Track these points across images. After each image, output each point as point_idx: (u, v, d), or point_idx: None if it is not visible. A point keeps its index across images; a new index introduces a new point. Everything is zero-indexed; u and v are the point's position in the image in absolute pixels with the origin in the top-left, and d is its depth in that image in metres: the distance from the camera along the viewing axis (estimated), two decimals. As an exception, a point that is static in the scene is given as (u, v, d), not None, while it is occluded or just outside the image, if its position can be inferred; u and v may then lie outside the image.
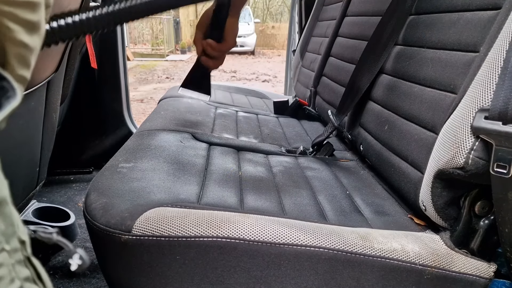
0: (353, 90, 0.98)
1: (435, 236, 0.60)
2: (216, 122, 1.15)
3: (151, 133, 0.89)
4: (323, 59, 1.48)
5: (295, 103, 1.50)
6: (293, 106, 1.49)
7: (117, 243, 0.53)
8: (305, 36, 1.89)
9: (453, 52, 0.67)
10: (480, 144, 0.51)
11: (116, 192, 0.60)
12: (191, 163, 0.75)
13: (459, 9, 0.69)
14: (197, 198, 0.62)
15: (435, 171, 0.58)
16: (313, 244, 0.54)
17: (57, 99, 0.95)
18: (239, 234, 0.53)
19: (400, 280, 0.55)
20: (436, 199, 0.58)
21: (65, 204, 1.51)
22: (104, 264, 0.58)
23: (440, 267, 0.55)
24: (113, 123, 1.87)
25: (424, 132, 0.68)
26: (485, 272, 0.56)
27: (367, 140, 0.91)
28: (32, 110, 0.80)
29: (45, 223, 1.20)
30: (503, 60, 0.50)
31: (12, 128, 0.74)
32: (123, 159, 0.73)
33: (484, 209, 0.56)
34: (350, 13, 1.35)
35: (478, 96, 0.52)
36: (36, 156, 0.91)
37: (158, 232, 0.52)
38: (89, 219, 0.56)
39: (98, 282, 1.11)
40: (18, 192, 0.85)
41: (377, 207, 0.71)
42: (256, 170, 0.80)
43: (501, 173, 0.49)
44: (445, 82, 0.66)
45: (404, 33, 0.86)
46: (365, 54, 0.98)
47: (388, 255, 0.54)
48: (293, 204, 0.67)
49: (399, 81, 0.82)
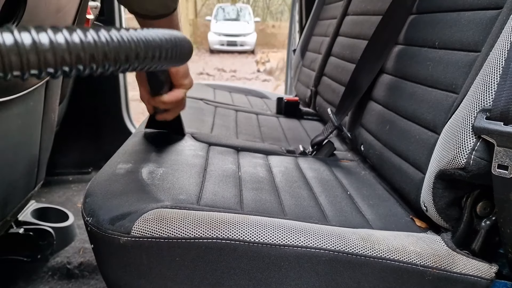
0: (354, 90, 0.98)
1: (436, 237, 0.60)
2: (216, 122, 1.15)
3: (150, 133, 0.89)
4: (323, 59, 1.48)
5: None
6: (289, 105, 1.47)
7: (116, 244, 0.53)
8: (306, 35, 1.89)
9: (454, 51, 0.67)
10: (482, 144, 0.51)
11: (115, 193, 0.60)
12: (190, 164, 0.75)
13: (460, 9, 0.69)
14: (196, 199, 0.62)
15: (437, 171, 0.57)
16: (313, 245, 0.53)
17: (56, 99, 0.95)
18: (239, 236, 0.53)
19: (401, 281, 0.54)
20: (438, 199, 0.58)
21: (64, 205, 1.51)
22: (103, 265, 0.58)
23: (441, 268, 0.55)
24: (112, 123, 1.86)
25: (425, 132, 0.68)
26: (486, 273, 0.55)
27: (368, 140, 0.91)
28: (31, 110, 0.79)
29: (43, 223, 1.20)
30: (505, 60, 0.50)
31: (11, 128, 0.73)
32: (122, 159, 0.72)
33: (486, 209, 0.56)
34: (351, 12, 1.34)
35: (479, 96, 0.52)
36: (35, 156, 0.91)
37: (157, 234, 0.52)
38: (87, 220, 0.56)
39: (97, 283, 1.10)
40: (16, 193, 0.85)
41: (378, 208, 0.70)
42: (256, 171, 0.80)
43: (503, 174, 0.48)
44: (446, 82, 0.66)
45: (405, 33, 0.86)
46: (365, 54, 0.98)
47: (389, 256, 0.54)
48: (294, 205, 0.67)
49: (400, 81, 0.82)
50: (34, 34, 0.23)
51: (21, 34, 0.23)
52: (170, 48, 0.32)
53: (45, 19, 0.66)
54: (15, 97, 0.68)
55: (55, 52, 0.24)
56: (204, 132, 1.00)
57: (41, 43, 0.23)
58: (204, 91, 1.57)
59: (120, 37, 0.28)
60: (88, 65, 0.26)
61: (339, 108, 1.02)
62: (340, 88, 1.20)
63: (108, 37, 0.27)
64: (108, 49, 0.26)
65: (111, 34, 0.27)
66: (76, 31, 0.25)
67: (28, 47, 0.23)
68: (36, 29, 0.24)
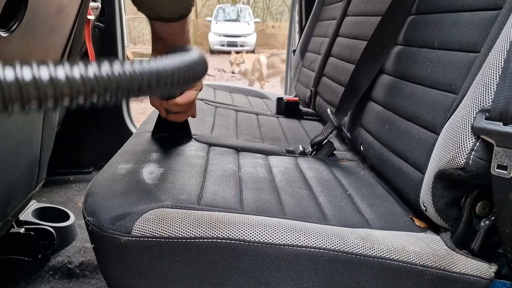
0: (353, 90, 0.98)
1: (436, 236, 0.60)
2: (216, 122, 1.15)
3: (150, 134, 0.89)
4: (323, 59, 1.48)
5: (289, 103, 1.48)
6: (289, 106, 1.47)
7: (117, 244, 0.53)
8: (305, 36, 1.89)
9: (453, 52, 0.67)
10: (481, 144, 0.51)
11: (115, 193, 0.60)
12: (191, 164, 0.75)
13: (460, 9, 0.69)
14: (196, 199, 0.62)
15: (436, 171, 0.57)
16: (313, 245, 0.53)
17: (57, 99, 0.95)
18: (239, 235, 0.53)
19: (401, 281, 0.55)
20: (437, 199, 0.58)
21: (64, 205, 1.51)
22: (104, 265, 0.58)
23: (440, 268, 0.55)
24: (112, 123, 1.86)
25: (424, 133, 0.68)
26: (485, 272, 0.56)
27: (367, 140, 0.91)
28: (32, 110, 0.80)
29: (44, 223, 1.20)
30: (504, 60, 0.50)
31: (12, 128, 0.73)
32: (123, 159, 0.73)
33: (485, 209, 0.56)
34: (351, 13, 1.34)
35: (478, 97, 0.52)
36: (36, 156, 0.91)
37: (158, 233, 0.52)
38: (88, 220, 0.56)
39: (97, 282, 1.11)
40: (17, 192, 0.85)
41: (377, 208, 0.70)
42: (256, 171, 0.80)
43: (502, 174, 0.49)
44: (446, 82, 0.66)
45: (405, 33, 0.86)
46: (365, 54, 0.98)
47: (388, 256, 0.54)
48: (293, 205, 0.67)
49: (400, 81, 0.82)
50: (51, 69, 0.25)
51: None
52: (185, 74, 0.34)
53: (46, 20, 0.66)
54: (16, 97, 0.68)
55: (72, 87, 0.26)
56: (205, 132, 1.01)
57: (58, 79, 0.26)
58: (205, 91, 1.57)
59: (133, 71, 0.29)
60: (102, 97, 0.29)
61: (338, 108, 1.02)
62: (340, 89, 1.20)
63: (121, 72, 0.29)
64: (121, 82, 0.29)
65: (125, 69, 0.29)
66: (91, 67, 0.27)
67: (46, 82, 0.25)
68: (53, 65, 0.26)
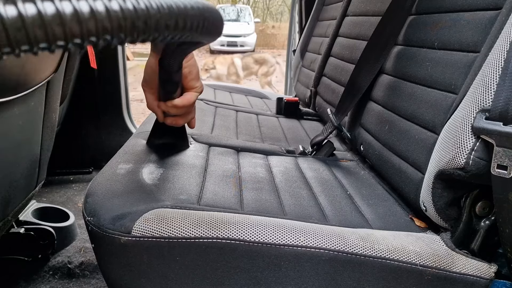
0: (353, 90, 0.98)
1: (436, 236, 0.60)
2: (216, 122, 1.15)
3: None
4: (323, 59, 1.48)
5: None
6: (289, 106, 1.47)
7: (117, 244, 0.53)
8: (305, 36, 1.89)
9: (453, 52, 0.67)
10: (481, 144, 0.51)
11: (115, 193, 0.60)
12: (191, 164, 0.75)
13: (459, 9, 0.69)
14: (197, 199, 0.62)
15: (436, 171, 0.57)
16: (313, 245, 0.53)
17: (57, 99, 0.95)
18: (239, 235, 0.53)
19: (401, 281, 0.55)
20: (437, 199, 0.58)
21: (64, 204, 1.51)
22: (104, 265, 0.58)
23: (440, 268, 0.55)
24: (112, 123, 1.86)
25: (424, 133, 0.68)
26: (485, 272, 0.56)
27: (367, 140, 0.91)
28: (32, 110, 0.80)
29: (44, 223, 1.20)
30: (504, 60, 0.50)
31: (12, 128, 0.73)
32: (123, 159, 0.73)
33: (485, 209, 0.56)
34: (351, 13, 1.35)
35: (478, 97, 0.52)
36: (36, 156, 0.91)
37: (158, 233, 0.52)
38: (88, 220, 0.56)
39: (97, 282, 1.11)
40: (17, 192, 0.85)
41: (377, 208, 0.70)
42: (256, 171, 0.80)
43: (502, 174, 0.49)
44: (446, 82, 0.66)
45: (405, 33, 0.86)
46: (365, 54, 0.98)
47: (388, 256, 0.54)
48: (293, 205, 0.67)
49: (400, 81, 0.82)
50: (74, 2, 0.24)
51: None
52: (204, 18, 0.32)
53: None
54: (16, 97, 0.68)
55: (97, 21, 0.24)
56: (205, 132, 1.01)
57: (83, 12, 0.24)
58: (204, 92, 1.57)
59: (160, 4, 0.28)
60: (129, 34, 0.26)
61: (338, 108, 1.02)
62: (340, 89, 1.20)
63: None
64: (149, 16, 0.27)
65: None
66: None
67: (70, 16, 0.23)
68: None
